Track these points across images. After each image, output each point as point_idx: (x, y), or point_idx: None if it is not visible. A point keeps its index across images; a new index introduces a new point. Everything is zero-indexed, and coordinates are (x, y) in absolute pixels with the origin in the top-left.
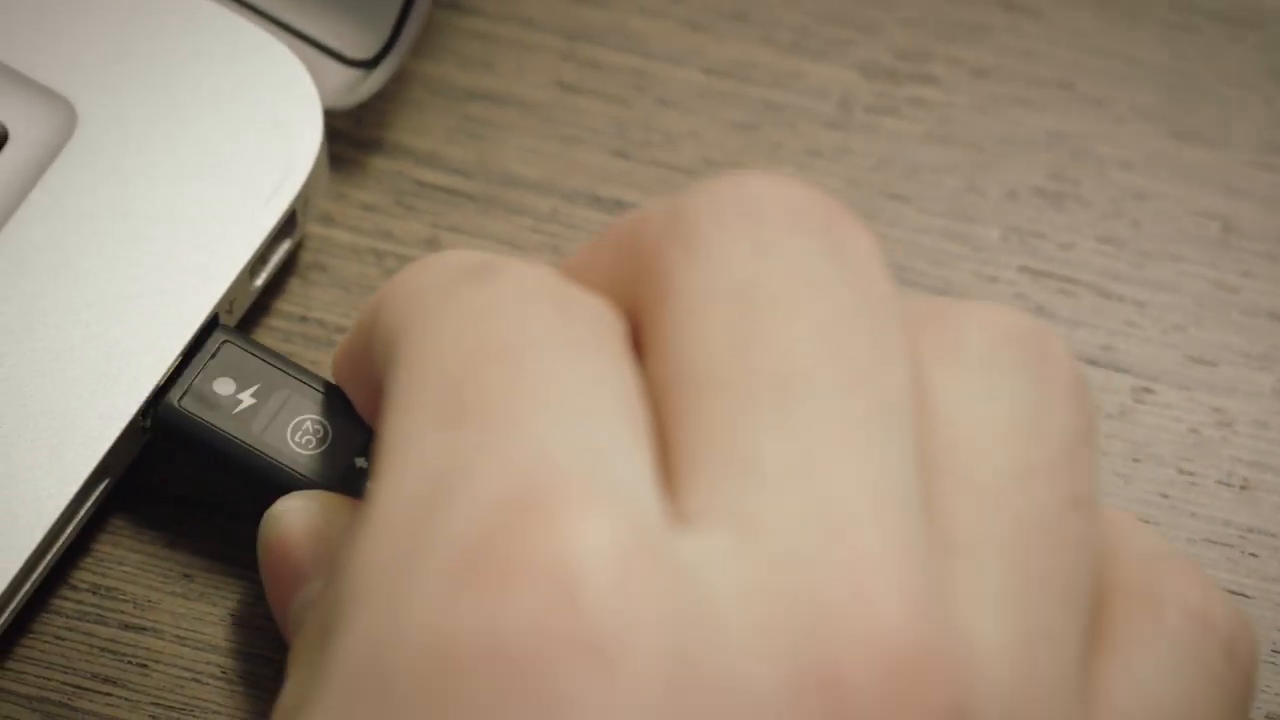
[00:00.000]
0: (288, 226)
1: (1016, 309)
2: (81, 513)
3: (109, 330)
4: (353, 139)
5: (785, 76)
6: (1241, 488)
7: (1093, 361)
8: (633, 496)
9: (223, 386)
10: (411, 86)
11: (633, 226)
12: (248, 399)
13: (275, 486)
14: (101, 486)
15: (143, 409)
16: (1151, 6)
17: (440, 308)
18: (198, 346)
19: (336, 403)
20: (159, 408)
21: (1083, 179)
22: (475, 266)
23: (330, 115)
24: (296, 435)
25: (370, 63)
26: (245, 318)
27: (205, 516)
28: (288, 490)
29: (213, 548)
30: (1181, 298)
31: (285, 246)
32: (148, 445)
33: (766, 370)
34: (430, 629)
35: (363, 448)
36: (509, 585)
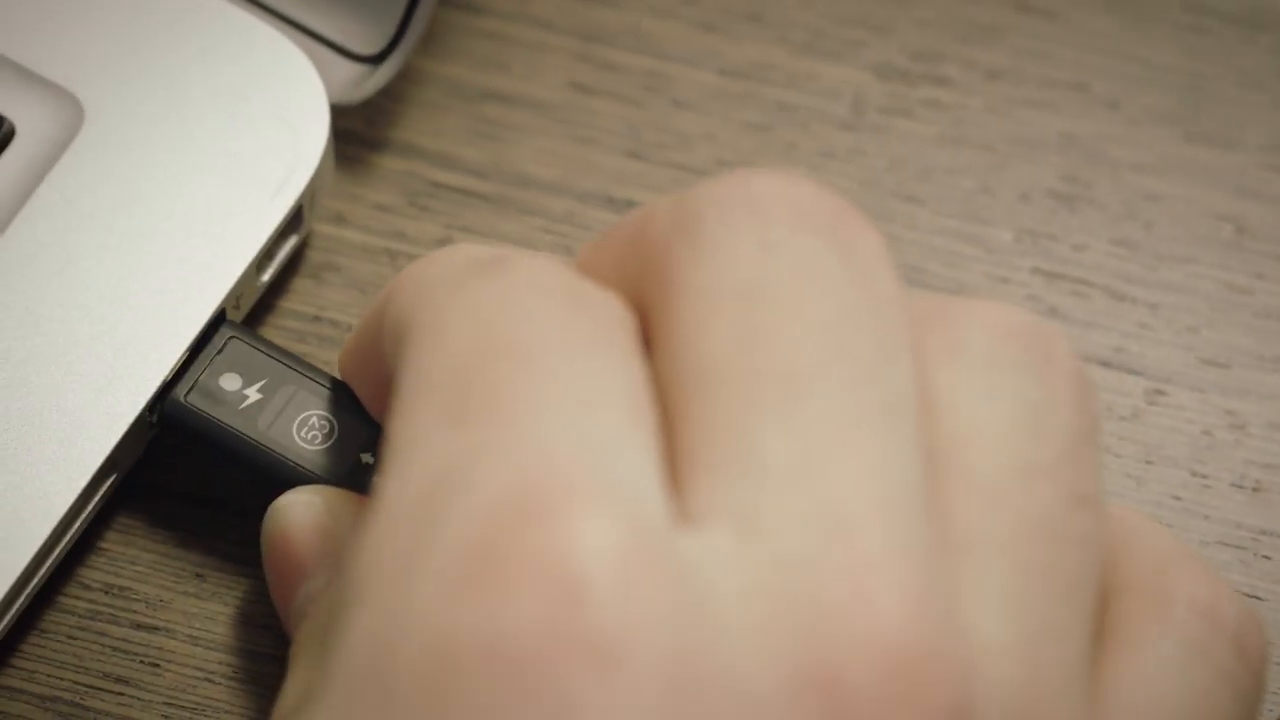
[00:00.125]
0: (294, 222)
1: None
2: (89, 508)
3: (116, 325)
4: (366, 139)
5: (799, 78)
6: (1254, 490)
7: (1105, 363)
8: (635, 496)
9: (229, 382)
10: (425, 87)
11: (640, 223)
12: (254, 394)
13: (281, 482)
14: (109, 482)
15: (149, 404)
16: (1165, 9)
17: (450, 301)
18: (205, 342)
19: (343, 399)
20: (165, 403)
21: (1096, 181)
22: (486, 260)
23: (343, 115)
24: (303, 431)
25: (376, 58)
26: (258, 317)
27: (217, 515)
28: (293, 486)
29: (225, 547)
30: (1194, 300)
31: (292, 242)
32: (157, 442)
33: (771, 368)
34: (432, 629)
35: (369, 443)
36: (511, 586)
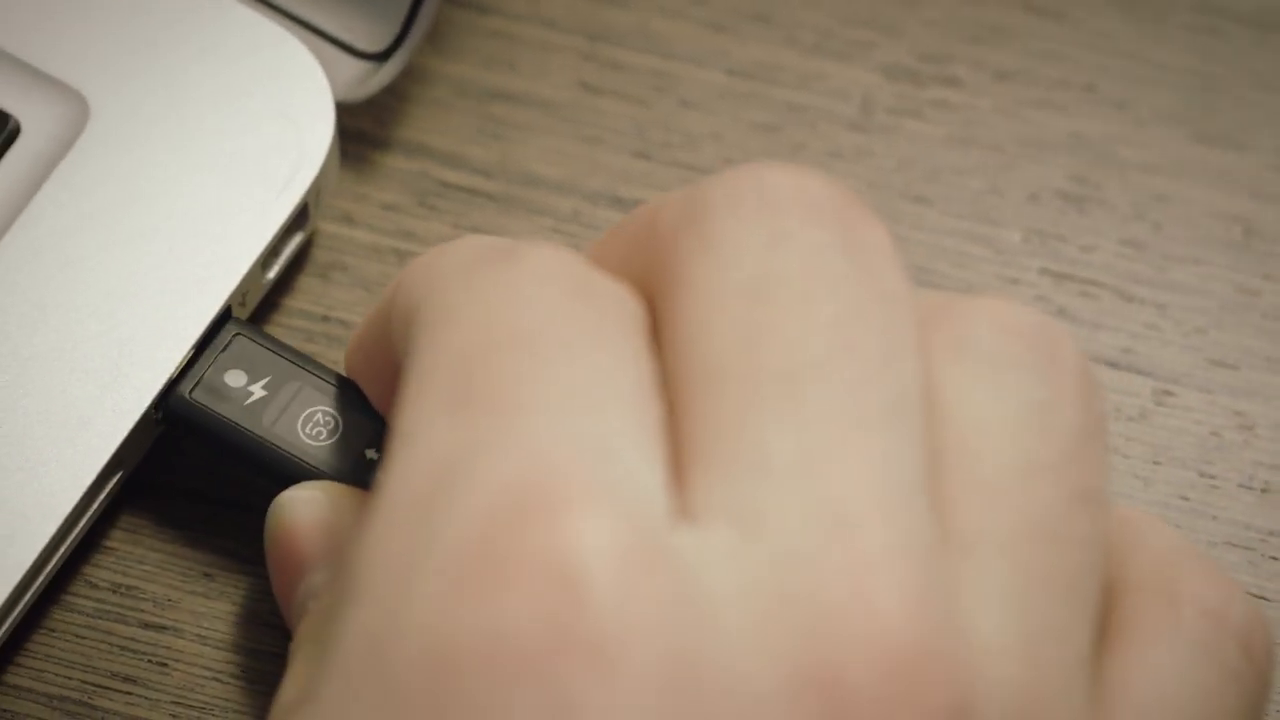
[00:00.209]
0: (300, 219)
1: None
2: (94, 506)
3: (121, 323)
4: (373, 139)
5: (807, 78)
6: (1263, 491)
7: (1113, 364)
8: (635, 494)
9: (234, 378)
10: (433, 86)
11: (650, 215)
12: (259, 391)
13: (285, 478)
14: (114, 480)
15: (155, 402)
16: (1175, 9)
17: (460, 290)
18: (210, 339)
19: (348, 395)
20: (170, 399)
21: (1105, 182)
22: (498, 249)
23: (351, 115)
24: (307, 427)
25: (382, 55)
26: (265, 316)
27: (225, 514)
28: (298, 482)
29: (234, 546)
30: (1203, 301)
31: (297, 240)
32: (163, 440)
33: (774, 366)
34: (431, 629)
35: (374, 439)
36: (509, 586)
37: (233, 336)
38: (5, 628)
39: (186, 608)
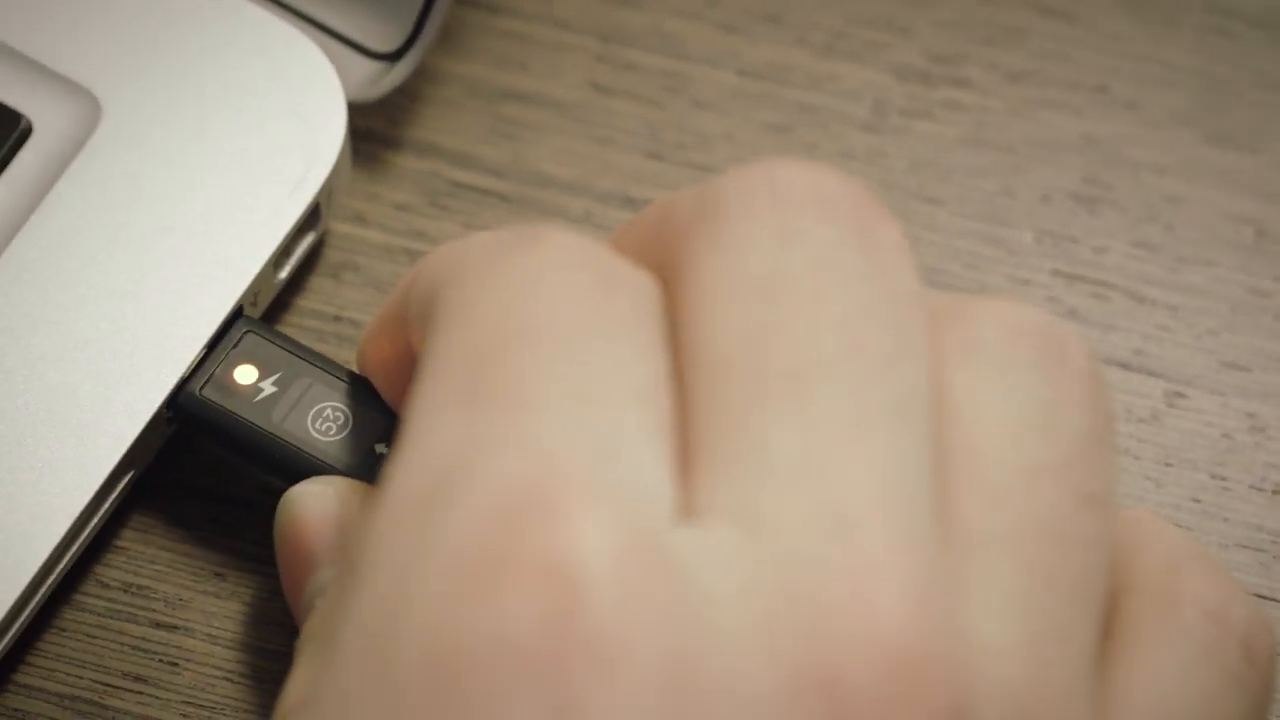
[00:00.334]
0: (311, 219)
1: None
2: (106, 506)
3: (132, 322)
4: (385, 138)
5: (819, 79)
6: (1274, 493)
7: (1125, 365)
8: (636, 493)
9: (244, 375)
10: (445, 86)
11: (663, 210)
12: (269, 387)
13: (295, 474)
14: (126, 479)
15: (166, 401)
16: (1187, 11)
17: (479, 279)
18: (221, 338)
19: (359, 390)
20: (179, 396)
21: (1116, 183)
22: (518, 236)
23: (363, 114)
24: (317, 422)
25: (394, 55)
26: (277, 316)
27: (237, 513)
28: (308, 477)
29: (245, 546)
30: (1215, 302)
31: (309, 239)
32: (175, 440)
33: (782, 365)
34: (431, 630)
35: (384, 434)
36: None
37: (243, 334)
38: (17, 627)
39: (198, 607)
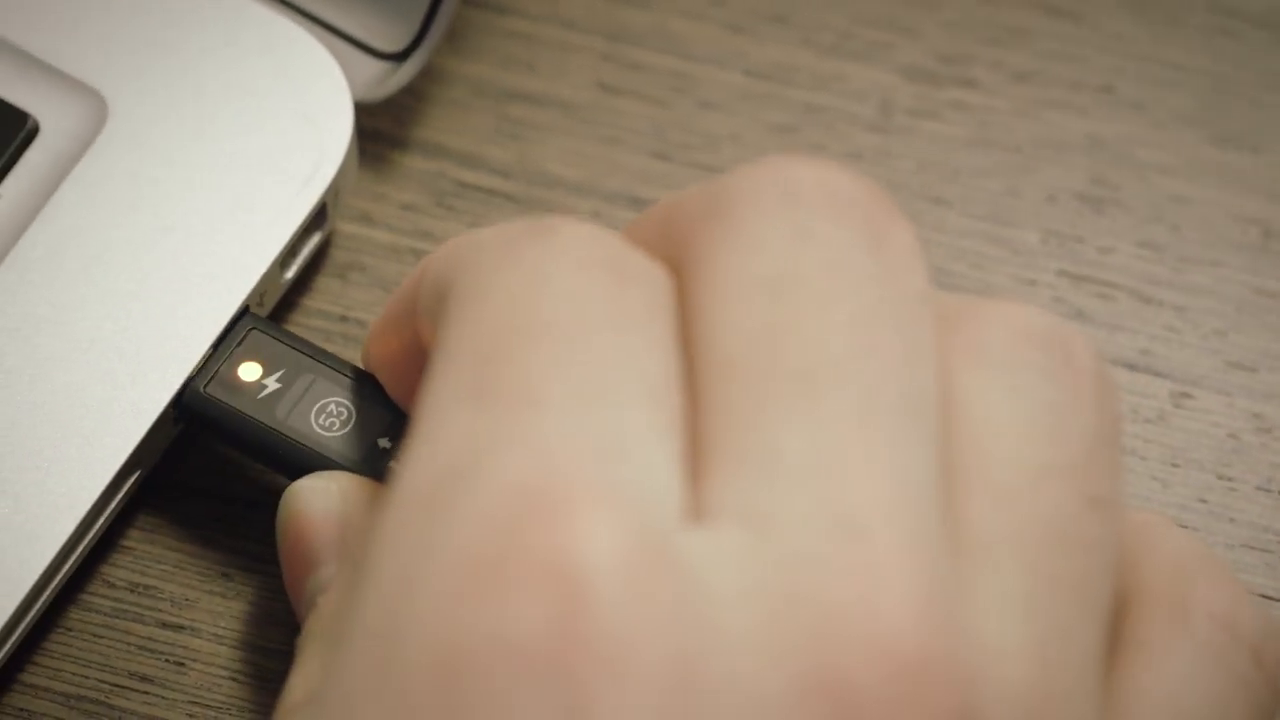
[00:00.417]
0: (318, 219)
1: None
2: (112, 505)
3: (139, 322)
4: (392, 139)
5: (826, 79)
6: None
7: (1131, 366)
8: (643, 494)
9: (248, 372)
10: (452, 87)
11: (673, 206)
12: (273, 384)
13: (299, 469)
14: (132, 479)
15: (172, 401)
16: (1192, 11)
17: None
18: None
19: (363, 386)
20: (184, 394)
21: (1123, 183)
22: (534, 225)
23: (370, 115)
24: (320, 418)
25: (400, 55)
26: (283, 316)
27: (243, 513)
28: (311, 472)
29: (251, 546)
30: (1221, 303)
31: (315, 239)
32: (182, 439)
33: (791, 365)
34: (436, 631)
35: (387, 429)
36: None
37: (248, 331)
38: (23, 627)
39: (204, 607)
